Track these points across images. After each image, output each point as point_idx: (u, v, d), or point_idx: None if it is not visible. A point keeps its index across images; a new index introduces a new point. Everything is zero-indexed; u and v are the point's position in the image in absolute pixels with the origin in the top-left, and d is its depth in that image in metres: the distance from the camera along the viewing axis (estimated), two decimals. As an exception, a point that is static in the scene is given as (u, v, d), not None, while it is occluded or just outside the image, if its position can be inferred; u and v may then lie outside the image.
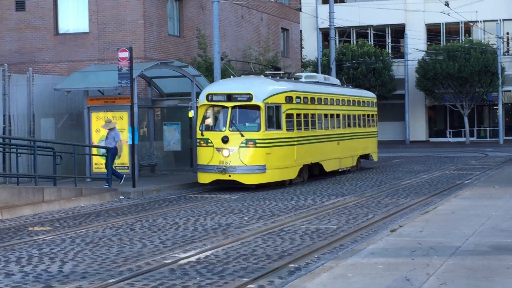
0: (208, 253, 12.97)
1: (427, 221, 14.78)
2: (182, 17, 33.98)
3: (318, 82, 30.58)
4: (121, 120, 25.42)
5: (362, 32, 62.21)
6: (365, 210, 18.66)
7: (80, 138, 26.84)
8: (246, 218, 17.48)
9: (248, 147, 23.54)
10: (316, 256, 12.58)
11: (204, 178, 24.10)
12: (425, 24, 61.64)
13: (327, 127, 29.05)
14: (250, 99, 23.85)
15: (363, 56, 56.96)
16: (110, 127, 23.98)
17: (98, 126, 25.66)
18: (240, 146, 23.45)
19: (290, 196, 22.36)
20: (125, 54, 23.35)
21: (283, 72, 29.26)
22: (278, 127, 24.62)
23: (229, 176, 23.56)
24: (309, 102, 27.24)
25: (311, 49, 57.81)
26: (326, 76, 34.02)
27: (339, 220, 16.97)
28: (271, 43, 41.54)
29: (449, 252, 11.27)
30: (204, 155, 23.91)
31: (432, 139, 61.78)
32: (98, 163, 25.50)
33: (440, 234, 13.12)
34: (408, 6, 60.41)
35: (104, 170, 24.46)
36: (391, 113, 60.23)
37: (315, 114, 27.73)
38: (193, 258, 12.45)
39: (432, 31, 62.23)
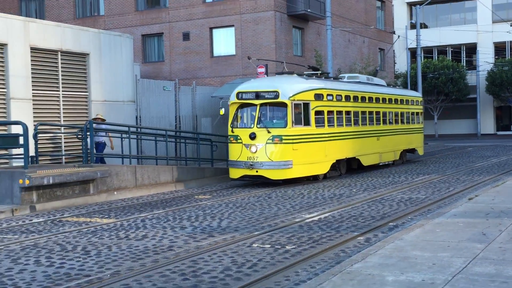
0: (326, 214, 12.99)
1: (498, 192, 14.21)
2: (303, 41, 33.98)
3: (359, 82, 25.11)
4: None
5: (442, 49, 60.13)
6: (446, 185, 18.12)
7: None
8: (354, 190, 17.35)
9: (275, 143, 18.86)
10: (409, 217, 12.36)
11: (234, 173, 19.45)
12: (493, 43, 58.79)
13: (365, 124, 23.52)
14: (276, 96, 19.05)
15: (443, 69, 54.96)
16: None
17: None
18: (266, 143, 18.86)
19: (387, 174, 22.00)
20: (262, 70, 23.62)
21: (320, 72, 23.49)
22: (307, 123, 19.59)
23: (256, 171, 18.96)
24: (343, 100, 21.90)
25: (402, 64, 56.55)
26: (370, 76, 27.34)
27: (426, 191, 16.57)
28: (371, 60, 40.91)
29: (517, 215, 10.83)
30: (234, 151, 19.43)
31: (500, 133, 58.91)
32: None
33: (509, 201, 12.59)
34: (479, 27, 57.93)
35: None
36: (466, 112, 57.98)
37: (350, 111, 22.37)
38: (315, 218, 12.51)
39: (499, 48, 59.24)
